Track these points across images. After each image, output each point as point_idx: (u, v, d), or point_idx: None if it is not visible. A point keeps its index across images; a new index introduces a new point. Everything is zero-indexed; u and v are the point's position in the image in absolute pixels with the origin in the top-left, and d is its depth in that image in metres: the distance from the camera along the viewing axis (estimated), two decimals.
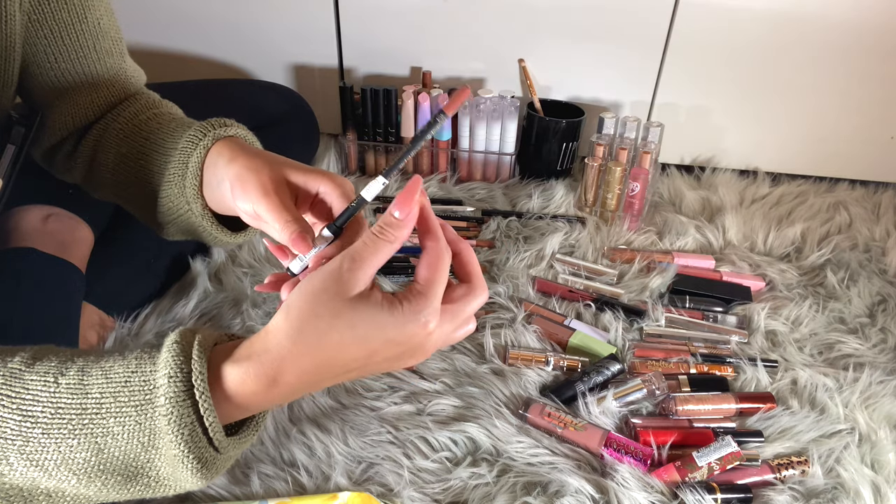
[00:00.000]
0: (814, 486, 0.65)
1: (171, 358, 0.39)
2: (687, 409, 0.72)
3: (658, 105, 1.21)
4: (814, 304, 0.91)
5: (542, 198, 1.12)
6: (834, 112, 1.18)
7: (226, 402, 0.40)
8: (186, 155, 0.55)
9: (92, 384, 0.39)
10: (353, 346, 0.39)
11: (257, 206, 0.49)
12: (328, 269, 0.40)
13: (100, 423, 0.38)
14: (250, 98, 1.03)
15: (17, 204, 0.74)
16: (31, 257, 0.70)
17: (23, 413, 0.38)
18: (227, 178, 0.52)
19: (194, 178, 0.55)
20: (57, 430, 0.38)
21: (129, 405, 0.38)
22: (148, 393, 0.39)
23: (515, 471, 0.65)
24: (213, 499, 0.61)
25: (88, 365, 0.40)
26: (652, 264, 0.97)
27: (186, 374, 0.39)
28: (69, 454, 0.38)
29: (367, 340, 0.39)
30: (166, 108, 0.66)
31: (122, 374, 0.39)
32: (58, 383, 0.39)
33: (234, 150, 0.53)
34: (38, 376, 0.39)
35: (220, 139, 0.55)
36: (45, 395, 0.38)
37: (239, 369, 0.39)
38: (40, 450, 0.38)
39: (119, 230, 0.83)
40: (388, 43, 1.19)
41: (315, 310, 0.39)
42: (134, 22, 1.20)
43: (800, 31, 1.10)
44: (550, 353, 0.78)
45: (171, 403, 0.38)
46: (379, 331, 0.39)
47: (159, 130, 0.59)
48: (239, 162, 0.52)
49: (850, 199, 1.17)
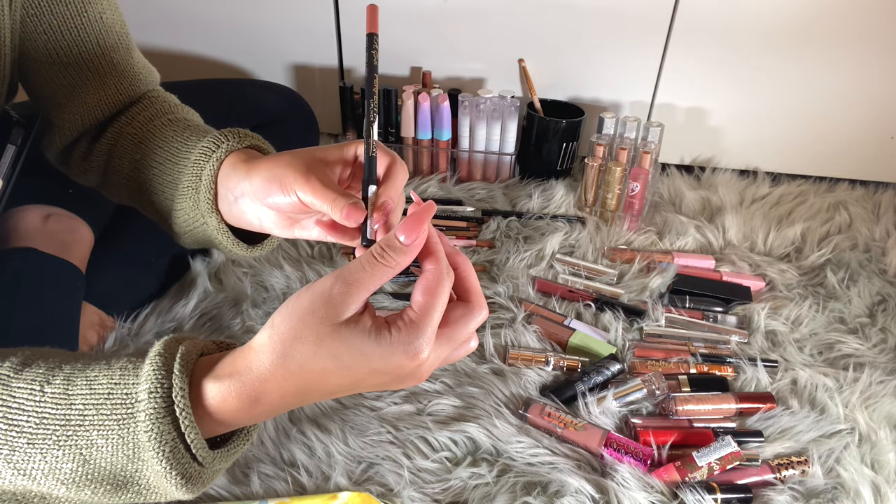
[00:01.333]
0: (814, 486, 0.65)
1: (153, 372, 0.37)
2: (687, 409, 0.72)
3: (658, 105, 1.21)
4: (814, 304, 0.91)
5: (542, 198, 1.12)
6: (834, 112, 1.18)
7: (208, 419, 0.39)
8: (199, 168, 0.53)
9: (76, 395, 0.38)
10: (336, 375, 0.38)
11: (301, 195, 0.46)
12: (318, 289, 0.38)
13: (83, 434, 0.37)
14: (250, 98, 1.03)
15: (17, 204, 0.74)
16: (31, 257, 0.70)
17: (8, 422, 0.37)
18: (248, 191, 0.50)
19: (208, 191, 0.53)
20: (41, 440, 0.37)
21: (112, 419, 0.37)
22: (130, 407, 0.37)
23: (515, 471, 0.65)
24: (213, 499, 0.61)
25: (75, 374, 0.39)
26: (652, 264, 0.97)
27: (167, 389, 0.37)
28: (55, 464, 0.37)
29: (350, 370, 0.38)
30: (182, 113, 0.64)
31: (105, 385, 0.38)
32: (43, 392, 0.38)
33: (251, 161, 0.51)
34: (25, 384, 0.38)
35: (234, 151, 0.53)
36: (30, 405, 0.37)
37: (221, 386, 0.38)
38: (27, 459, 0.37)
39: (119, 230, 0.83)
40: (388, 43, 1.19)
41: (299, 333, 0.37)
42: (134, 22, 1.19)
43: (800, 30, 1.10)
44: (550, 353, 0.78)
45: (150, 420, 0.37)
46: (364, 360, 0.38)
47: (173, 139, 0.58)
48: (263, 167, 0.49)
49: (850, 199, 1.17)
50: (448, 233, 1.02)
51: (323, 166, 0.48)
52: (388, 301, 0.87)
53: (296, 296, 0.39)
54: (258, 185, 0.49)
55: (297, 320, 0.38)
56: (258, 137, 0.56)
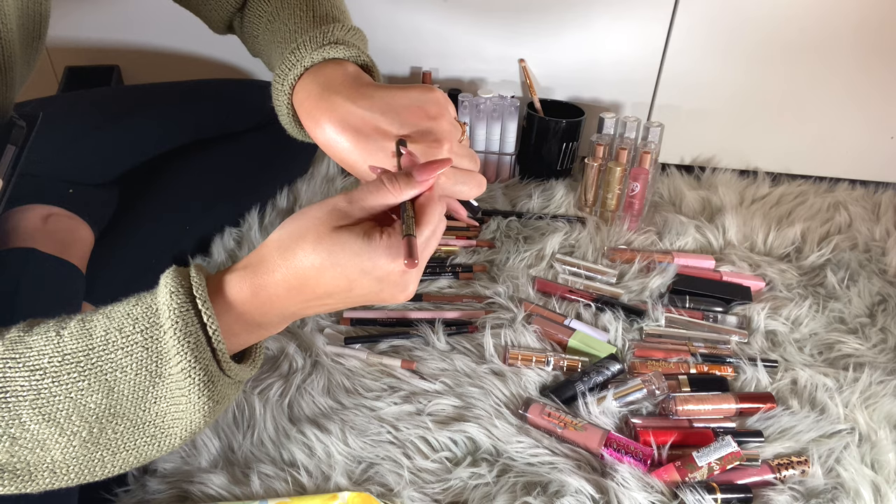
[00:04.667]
0: (814, 486, 0.65)
1: (171, 279, 0.41)
2: (687, 409, 0.72)
3: (658, 105, 1.21)
4: (814, 304, 0.91)
5: (542, 198, 1.12)
6: (834, 112, 1.18)
7: (226, 314, 0.42)
8: (280, 81, 0.56)
9: (95, 326, 0.40)
10: (331, 271, 0.42)
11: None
12: (327, 201, 0.44)
13: (108, 358, 0.40)
14: (250, 98, 1.03)
15: (17, 204, 0.74)
16: (31, 257, 0.70)
17: (30, 368, 0.39)
18: (317, 131, 0.53)
19: (288, 111, 0.56)
20: (67, 374, 0.39)
21: (136, 332, 0.40)
22: (151, 316, 0.41)
23: (515, 471, 0.65)
24: (214, 499, 0.61)
25: (87, 315, 0.42)
26: (652, 264, 0.97)
27: (187, 288, 0.41)
28: (80, 399, 0.39)
29: (343, 267, 0.42)
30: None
31: (123, 310, 0.41)
32: (60, 335, 0.40)
33: (314, 107, 0.53)
34: (39, 335, 0.40)
35: (308, 69, 0.54)
36: (49, 348, 0.39)
37: (235, 275, 0.43)
38: (52, 400, 0.39)
39: (119, 230, 0.83)
40: (388, 43, 1.19)
41: (303, 233, 0.42)
42: (134, 22, 1.20)
43: (800, 31, 1.10)
44: (550, 353, 0.78)
45: (174, 315, 0.40)
46: (355, 259, 0.42)
47: (278, 32, 0.61)
48: (321, 128, 0.52)
49: (850, 199, 1.17)
50: (448, 233, 1.02)
51: (375, 134, 0.51)
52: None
53: (307, 206, 0.44)
54: (324, 143, 0.52)
55: (303, 222, 0.43)
56: (343, 46, 0.57)
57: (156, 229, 0.86)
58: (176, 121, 0.96)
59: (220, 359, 0.42)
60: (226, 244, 0.94)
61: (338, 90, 0.52)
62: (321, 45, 0.55)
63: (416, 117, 0.52)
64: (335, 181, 1.12)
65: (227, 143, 0.98)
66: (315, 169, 1.13)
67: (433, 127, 0.52)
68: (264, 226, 0.99)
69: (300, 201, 1.05)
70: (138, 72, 1.24)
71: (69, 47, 1.21)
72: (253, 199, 1.00)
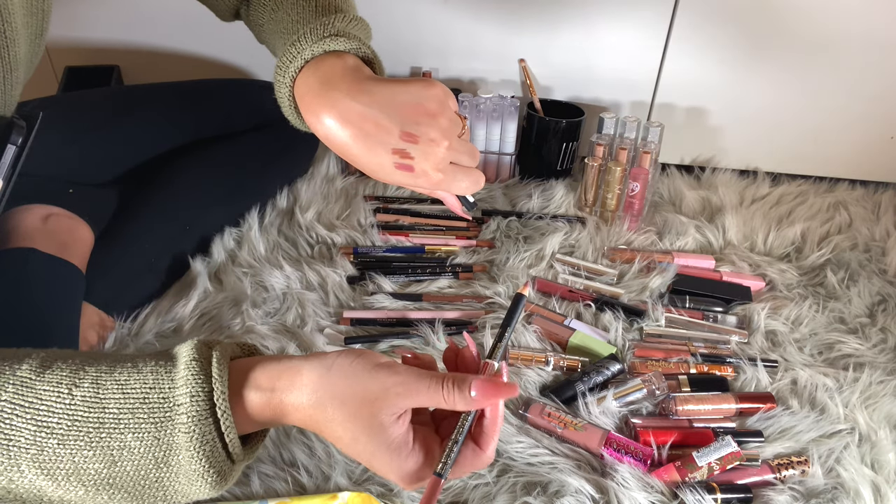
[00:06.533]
0: (814, 486, 0.65)
1: (192, 377, 0.39)
2: (687, 409, 0.72)
3: (658, 105, 1.21)
4: (814, 304, 0.91)
5: (542, 198, 1.12)
6: (834, 112, 1.18)
7: (243, 423, 0.42)
8: (282, 73, 0.56)
9: (108, 398, 0.39)
10: (350, 448, 0.41)
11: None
12: (385, 375, 0.40)
13: (118, 437, 0.39)
14: (250, 98, 1.03)
15: (17, 204, 0.74)
16: (31, 257, 0.70)
17: (38, 423, 0.38)
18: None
19: (290, 103, 0.57)
20: (73, 440, 0.38)
21: (149, 422, 0.39)
22: (168, 410, 0.39)
23: (515, 471, 0.65)
24: (213, 499, 0.61)
25: (101, 377, 0.40)
26: (652, 264, 0.97)
27: (208, 392, 0.39)
28: (82, 464, 0.38)
29: (360, 455, 0.41)
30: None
31: (139, 389, 0.39)
32: (72, 395, 0.39)
33: (314, 102, 0.53)
34: (51, 386, 0.39)
35: (308, 62, 0.55)
36: (60, 407, 0.38)
37: (262, 396, 0.41)
38: (54, 459, 0.38)
39: (119, 230, 0.83)
40: (388, 43, 1.19)
41: (343, 399, 0.40)
42: (134, 21, 1.20)
43: (800, 30, 1.10)
44: (550, 353, 0.78)
45: (193, 422, 0.39)
46: (372, 457, 0.41)
47: (282, 22, 0.61)
48: (322, 124, 0.53)
49: (850, 199, 1.17)
50: (448, 233, 1.02)
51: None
52: (389, 301, 0.87)
53: (365, 359, 0.42)
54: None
55: (349, 388, 0.40)
56: (343, 38, 0.56)
57: (156, 229, 0.86)
58: (176, 121, 0.96)
59: (231, 452, 0.41)
60: (226, 244, 0.94)
61: (337, 85, 0.52)
62: (322, 38, 0.54)
63: (416, 114, 0.52)
64: (335, 181, 1.12)
65: (227, 143, 0.98)
66: (315, 169, 1.13)
67: (433, 124, 0.52)
68: (264, 226, 0.99)
69: (300, 201, 1.05)
70: (138, 72, 1.24)
71: (69, 47, 1.21)
72: (253, 199, 1.00)
